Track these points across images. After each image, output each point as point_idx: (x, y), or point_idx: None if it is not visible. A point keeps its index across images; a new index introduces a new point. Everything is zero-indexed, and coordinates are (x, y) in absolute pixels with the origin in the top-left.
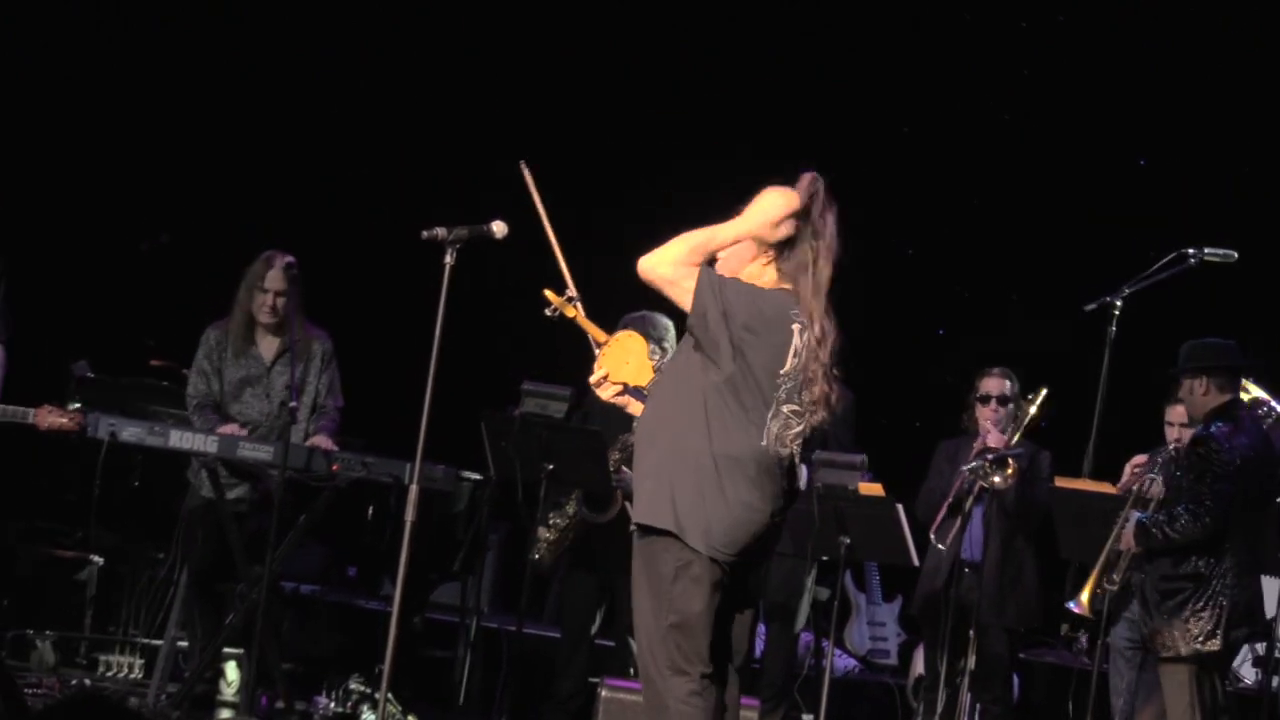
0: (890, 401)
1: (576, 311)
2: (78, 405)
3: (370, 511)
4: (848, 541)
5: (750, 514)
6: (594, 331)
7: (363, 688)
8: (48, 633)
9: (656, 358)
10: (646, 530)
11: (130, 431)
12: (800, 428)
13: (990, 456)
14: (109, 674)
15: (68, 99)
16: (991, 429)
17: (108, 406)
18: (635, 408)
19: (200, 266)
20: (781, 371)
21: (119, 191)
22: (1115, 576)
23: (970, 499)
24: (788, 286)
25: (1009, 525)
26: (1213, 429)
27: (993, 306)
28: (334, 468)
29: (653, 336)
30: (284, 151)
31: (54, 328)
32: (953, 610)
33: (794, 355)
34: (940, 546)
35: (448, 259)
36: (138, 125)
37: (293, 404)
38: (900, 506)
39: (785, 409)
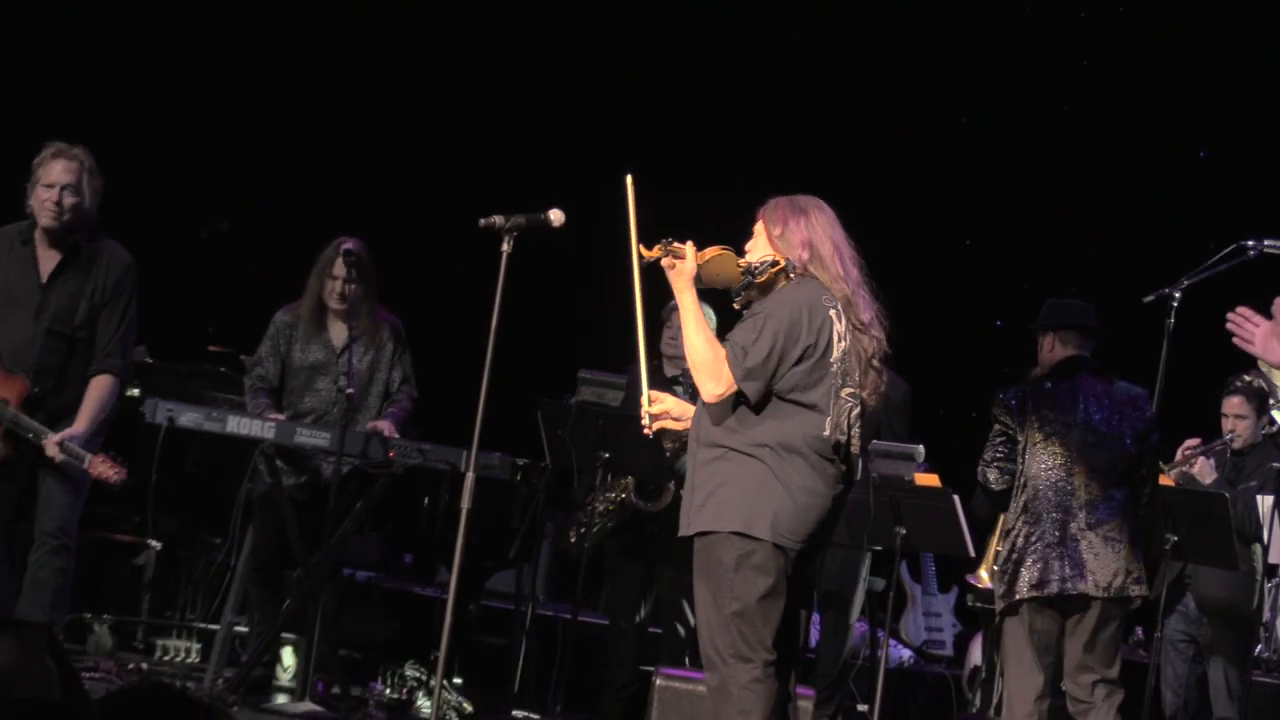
0: (947, 392)
1: (689, 252)
2: (136, 391)
3: (426, 499)
4: (903, 532)
5: (814, 499)
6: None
7: (418, 674)
8: (105, 617)
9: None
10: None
11: (188, 417)
12: (858, 409)
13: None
14: (166, 658)
15: (130, 85)
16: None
17: (166, 392)
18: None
19: (260, 254)
20: (832, 358)
21: (180, 178)
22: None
23: None
24: (813, 272)
25: None
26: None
27: (1052, 297)
28: (390, 455)
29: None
30: (344, 139)
31: None
32: None
33: (840, 339)
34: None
35: (505, 247)
36: (199, 112)
37: (349, 390)
38: (957, 497)
39: (844, 393)
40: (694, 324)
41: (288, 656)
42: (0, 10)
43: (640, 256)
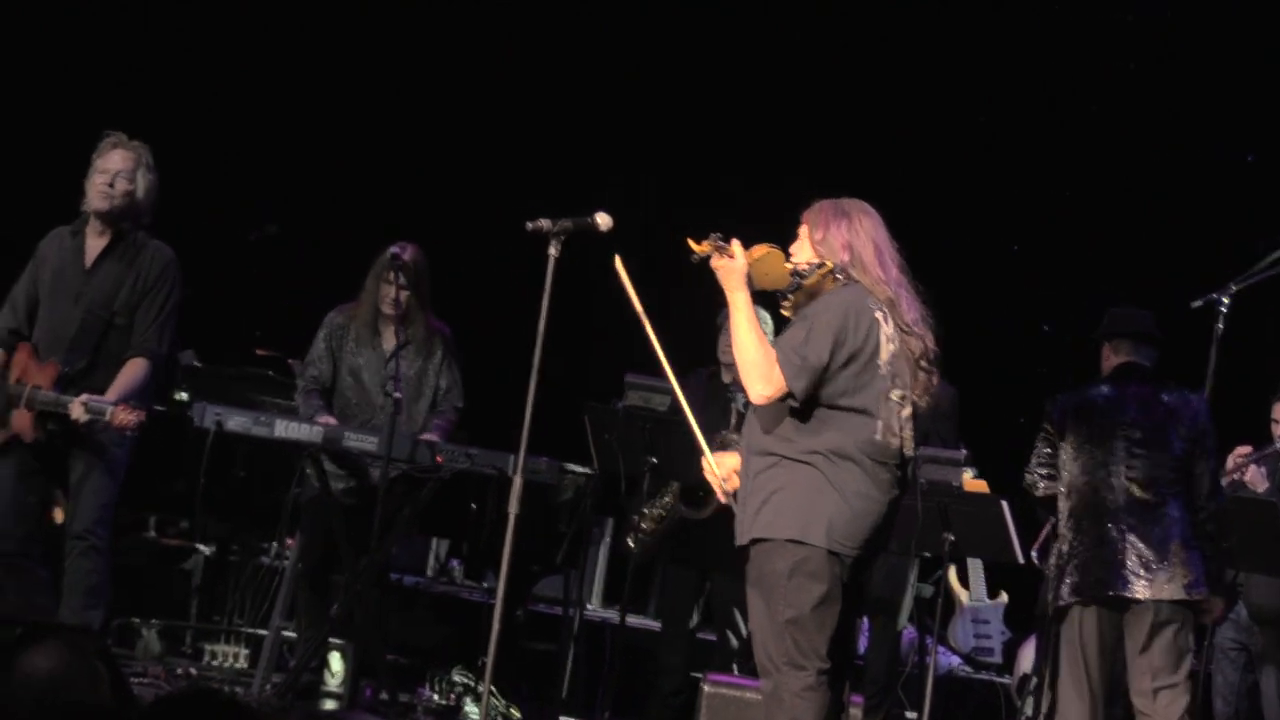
0: (995, 398)
1: (738, 250)
2: (183, 395)
3: (474, 504)
4: (951, 538)
5: (869, 505)
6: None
7: (466, 680)
8: (153, 621)
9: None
10: (763, 540)
11: (236, 421)
12: (908, 411)
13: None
14: (214, 663)
15: (180, 89)
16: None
17: (214, 396)
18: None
19: (308, 258)
20: (881, 361)
21: (228, 182)
22: None
23: None
24: (855, 277)
25: None
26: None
27: (1099, 303)
28: (438, 459)
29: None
30: (392, 142)
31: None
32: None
33: (888, 342)
34: (1037, 560)
35: (552, 251)
36: (248, 115)
37: (396, 394)
38: (1005, 503)
39: (893, 395)
40: (746, 323)
41: (335, 662)
42: (56, 14)
43: (690, 252)
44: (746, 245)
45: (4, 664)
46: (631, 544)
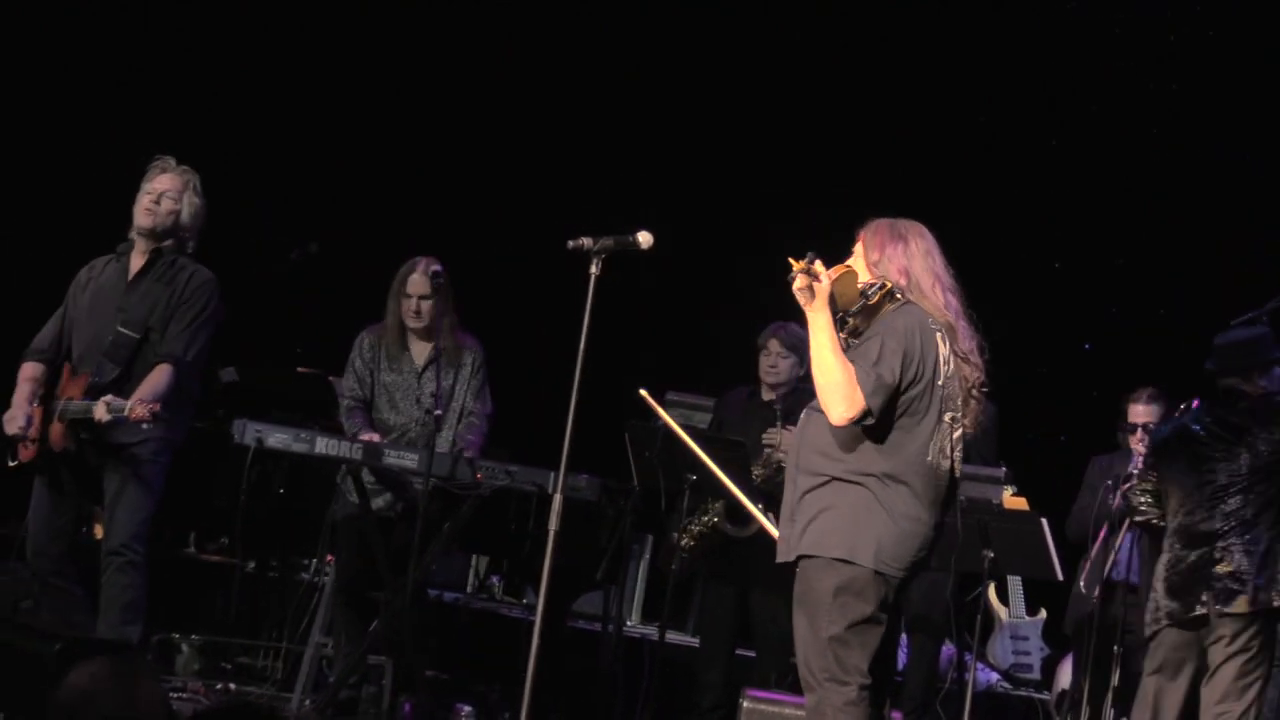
0: (1035, 415)
1: (822, 271)
2: (223, 412)
3: (514, 521)
4: (991, 555)
5: (917, 526)
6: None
7: (504, 697)
8: (193, 637)
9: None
10: (809, 557)
11: (276, 438)
12: (958, 433)
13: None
14: (253, 679)
15: (220, 110)
16: (1142, 457)
17: (254, 413)
18: None
19: (348, 275)
20: (939, 383)
21: (269, 200)
22: None
23: (1121, 523)
24: (911, 299)
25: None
26: None
27: (1140, 321)
28: (478, 476)
29: (797, 348)
30: (432, 160)
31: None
32: (1102, 628)
33: (944, 364)
34: (1083, 589)
35: (593, 269)
36: (290, 135)
37: (437, 411)
38: (1045, 521)
39: (945, 418)
40: (829, 344)
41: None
42: (99, 42)
43: (789, 269)
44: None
45: (51, 681)
46: (674, 565)
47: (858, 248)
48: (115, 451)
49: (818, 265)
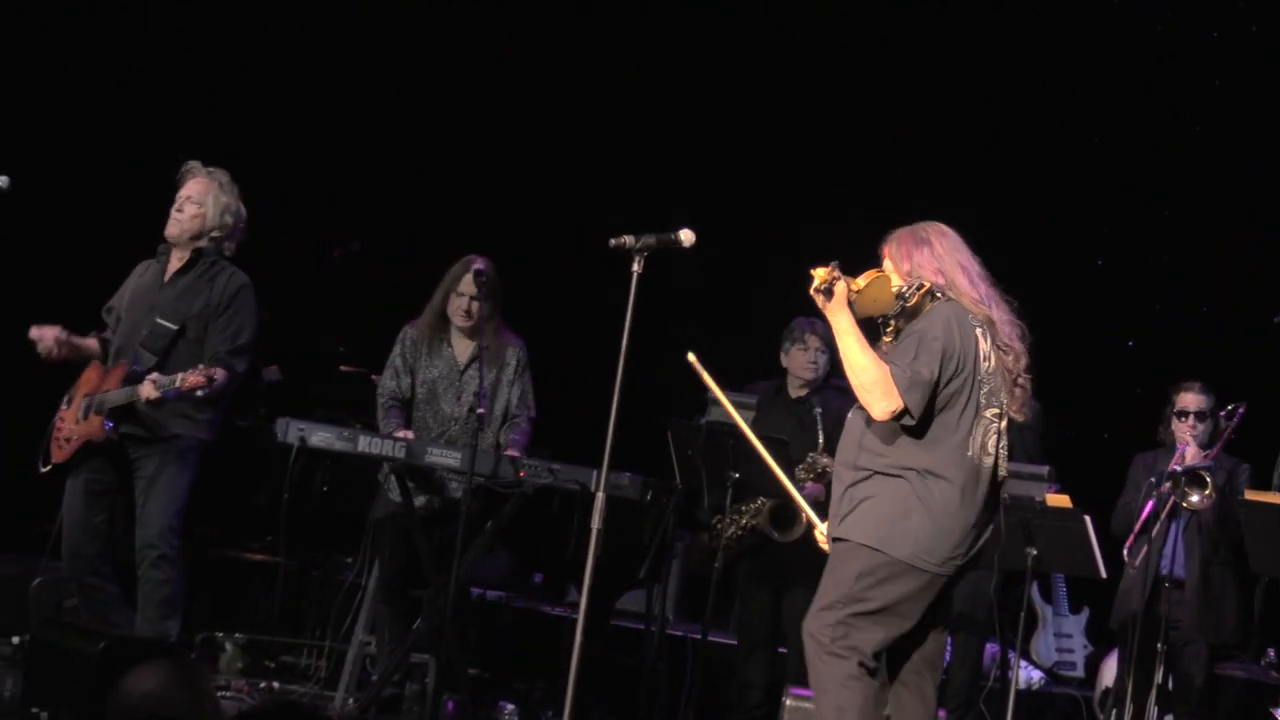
0: (1078, 413)
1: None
2: (265, 411)
3: (556, 518)
4: (1034, 553)
5: (954, 522)
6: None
7: (547, 695)
8: (236, 635)
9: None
10: (842, 540)
11: (319, 436)
12: (1003, 426)
13: (1181, 472)
14: (296, 678)
15: (263, 109)
16: (1190, 444)
17: (297, 411)
18: None
19: (391, 274)
20: (979, 379)
21: (312, 199)
22: None
23: (1165, 515)
24: (951, 296)
25: (1209, 542)
26: None
27: (1183, 318)
28: (520, 474)
29: (831, 344)
30: (476, 159)
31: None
32: (1147, 625)
33: (985, 359)
34: (1132, 569)
35: (635, 267)
36: (332, 134)
37: (479, 410)
38: (1088, 518)
39: (987, 414)
40: (857, 345)
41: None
42: (136, 37)
43: (811, 279)
44: (853, 271)
45: (105, 681)
46: (717, 564)
47: (886, 264)
48: (152, 445)
49: (828, 271)
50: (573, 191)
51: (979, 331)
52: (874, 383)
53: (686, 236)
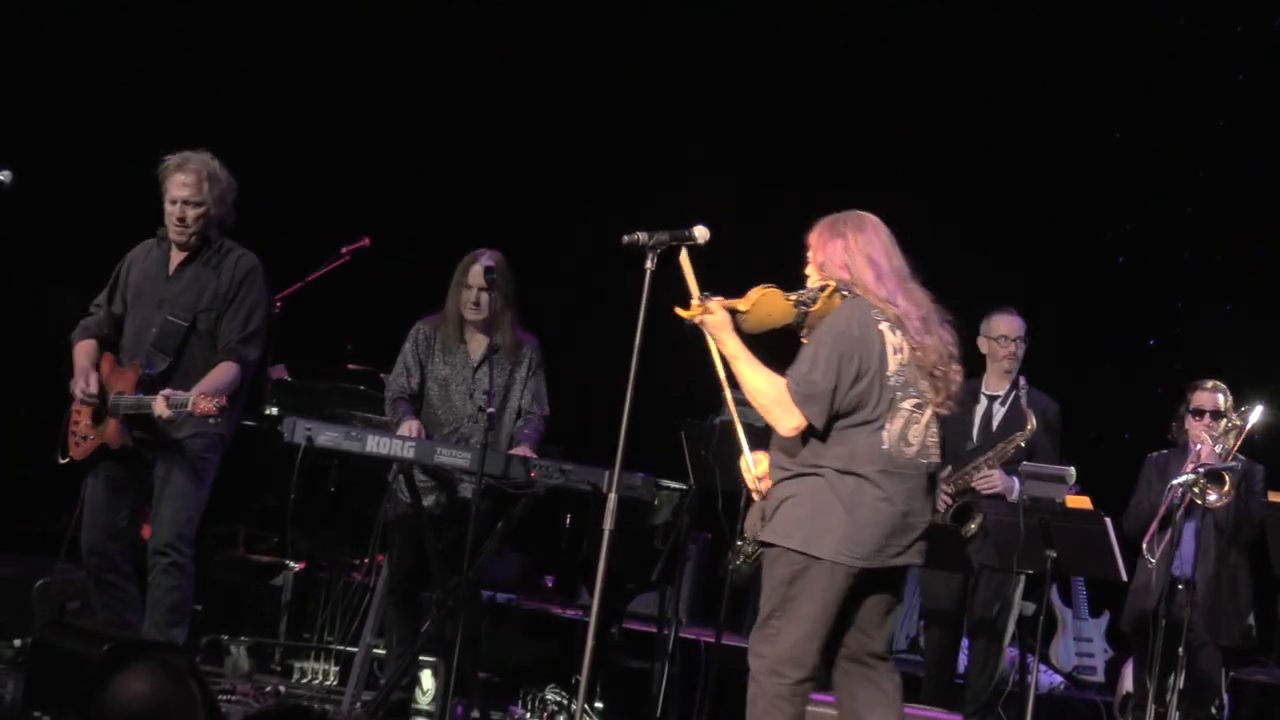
0: (1099, 413)
1: (717, 304)
2: (274, 409)
3: (568, 520)
4: (1054, 555)
5: (875, 515)
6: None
7: (559, 698)
8: (243, 638)
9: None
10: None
11: (327, 436)
12: (924, 417)
13: (1204, 472)
14: (303, 681)
15: (270, 103)
16: (1205, 443)
17: (305, 410)
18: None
19: (401, 271)
20: (889, 372)
21: (319, 195)
22: None
23: (1180, 514)
24: (858, 292)
25: (1223, 541)
26: None
27: (1205, 316)
28: (532, 475)
29: None
30: (486, 155)
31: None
32: (1164, 628)
33: (895, 352)
34: (1150, 561)
35: (649, 264)
36: (339, 128)
37: (490, 409)
38: (1109, 520)
39: (905, 405)
40: (749, 368)
41: (427, 680)
42: (138, 34)
43: (682, 321)
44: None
45: (99, 684)
46: (732, 568)
47: (810, 254)
48: (169, 446)
49: (710, 301)
50: (587, 189)
51: (885, 327)
52: (773, 402)
53: (701, 233)
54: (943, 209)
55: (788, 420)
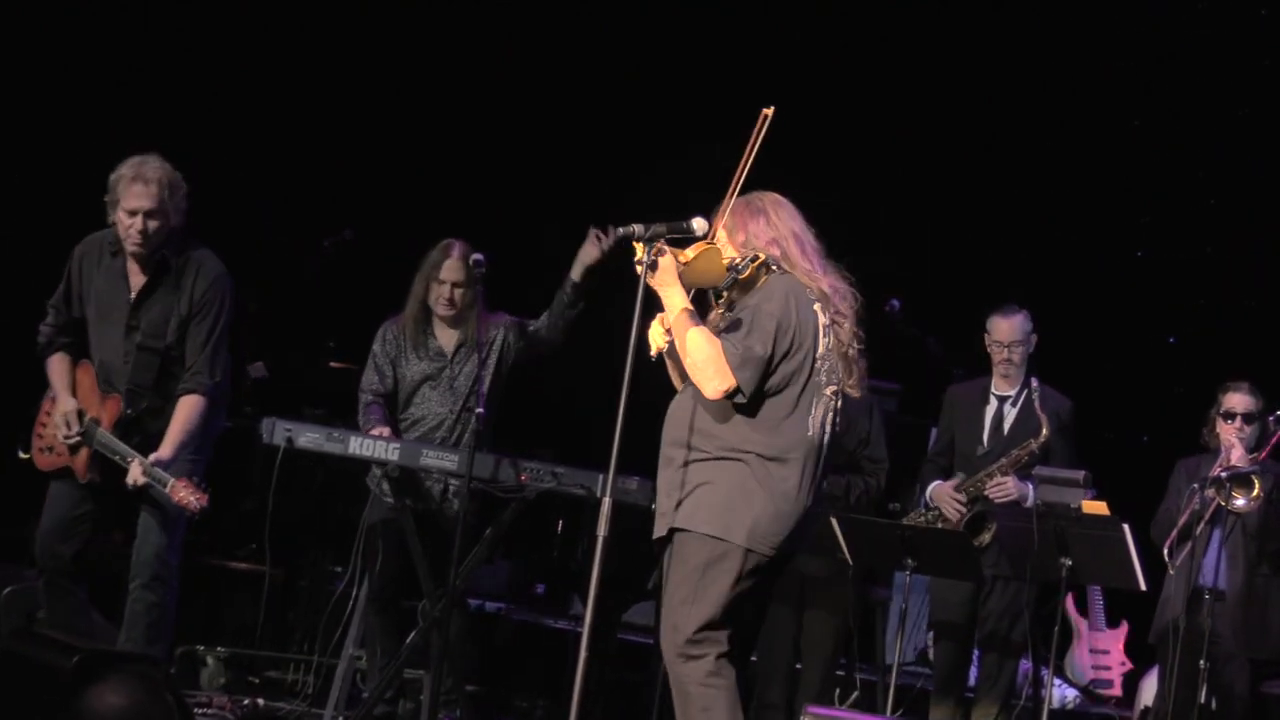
0: (1116, 413)
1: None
2: (250, 410)
3: (560, 525)
4: (1069, 563)
5: (794, 505)
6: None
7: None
8: (219, 649)
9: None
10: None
11: (307, 437)
12: (838, 405)
13: (1227, 475)
14: (282, 694)
15: (248, 96)
16: (1236, 447)
17: (284, 411)
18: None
19: (383, 266)
20: (818, 355)
21: (303, 191)
22: None
23: (1205, 521)
24: (785, 268)
25: (1254, 549)
26: None
27: (1227, 314)
28: (522, 478)
29: None
30: (471, 149)
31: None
32: (1188, 640)
33: (823, 335)
34: (1172, 570)
35: (643, 257)
36: (321, 122)
37: (479, 410)
38: (1127, 526)
39: (827, 391)
40: (688, 321)
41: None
42: (116, 23)
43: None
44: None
45: (70, 696)
46: None
47: (720, 234)
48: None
49: (661, 245)
50: (576, 184)
51: (817, 307)
52: (706, 360)
53: (699, 224)
54: (955, 202)
55: (717, 382)
